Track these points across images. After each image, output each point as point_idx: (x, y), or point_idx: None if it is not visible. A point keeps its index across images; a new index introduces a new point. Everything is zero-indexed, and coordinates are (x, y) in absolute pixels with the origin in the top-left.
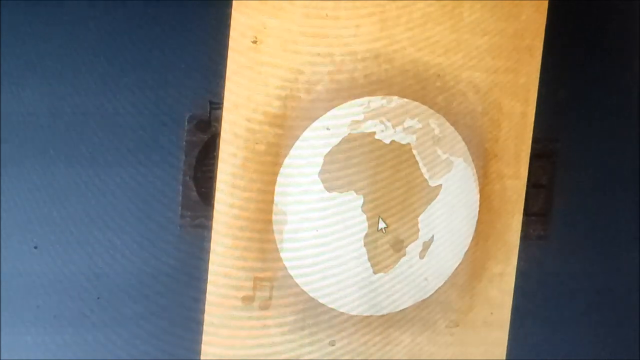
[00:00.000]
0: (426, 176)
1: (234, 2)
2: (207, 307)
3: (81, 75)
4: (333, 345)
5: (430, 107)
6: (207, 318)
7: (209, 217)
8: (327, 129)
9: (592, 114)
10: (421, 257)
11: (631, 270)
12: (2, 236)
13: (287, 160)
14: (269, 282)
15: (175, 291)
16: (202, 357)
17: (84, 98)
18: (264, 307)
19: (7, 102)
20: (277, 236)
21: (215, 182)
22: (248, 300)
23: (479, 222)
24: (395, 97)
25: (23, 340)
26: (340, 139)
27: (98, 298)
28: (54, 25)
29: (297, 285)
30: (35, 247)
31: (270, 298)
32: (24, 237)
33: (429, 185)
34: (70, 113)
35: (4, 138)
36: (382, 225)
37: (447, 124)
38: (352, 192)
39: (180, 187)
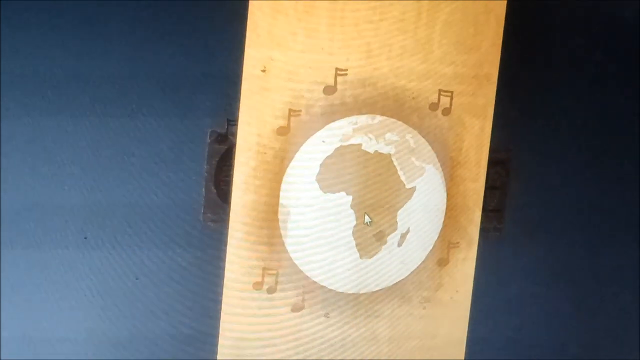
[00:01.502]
0: (403, 180)
1: (247, 39)
2: (224, 291)
3: (123, 98)
4: (328, 317)
5: (407, 123)
6: (224, 300)
7: (226, 214)
8: (323, 141)
9: (539, 129)
10: (399, 245)
11: (571, 255)
12: (53, 229)
13: (290, 167)
14: (275, 269)
15: (197, 277)
16: (220, 332)
17: (126, 115)
18: (272, 291)
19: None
20: (282, 230)
21: (231, 185)
22: (258, 285)
23: (446, 216)
24: (378, 116)
25: (49, 323)
26: (333, 149)
27: (137, 279)
28: (91, 60)
29: (299, 270)
30: (85, 238)
31: (276, 283)
32: (75, 229)
33: (406, 187)
34: (113, 125)
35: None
36: (367, 219)
37: (420, 137)
38: (343, 192)
39: (203, 189)
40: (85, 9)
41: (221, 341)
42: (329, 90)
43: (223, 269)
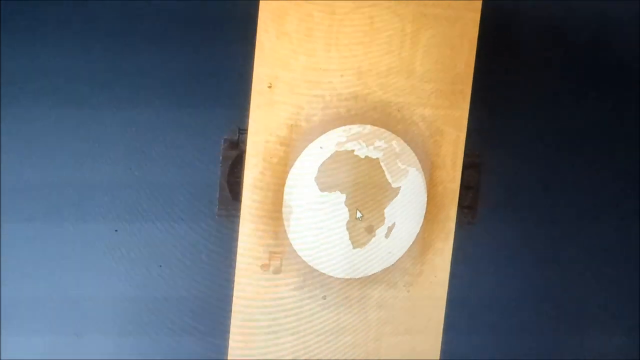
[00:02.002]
0: (390, 181)
1: (255, 59)
2: (236, 272)
3: (146, 110)
4: (325, 298)
5: (393, 132)
6: (236, 279)
7: (238, 209)
8: (321, 147)
9: (508, 136)
10: (386, 237)
11: (537, 245)
12: (88, 224)
13: (292, 170)
14: (280, 255)
15: (212, 264)
16: (233, 307)
17: (151, 126)
18: (276, 272)
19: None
20: (285, 222)
21: (242, 185)
22: (265, 267)
23: (426, 213)
24: (368, 126)
25: (83, 305)
26: (330, 154)
27: (160, 266)
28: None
29: (299, 257)
30: (116, 230)
31: (280, 266)
32: (107, 223)
33: (392, 187)
34: (140, 135)
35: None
36: (359, 215)
37: (405, 144)
38: (338, 191)
39: (217, 189)
40: (112, 30)
41: (233, 320)
42: (326, 103)
43: (234, 257)
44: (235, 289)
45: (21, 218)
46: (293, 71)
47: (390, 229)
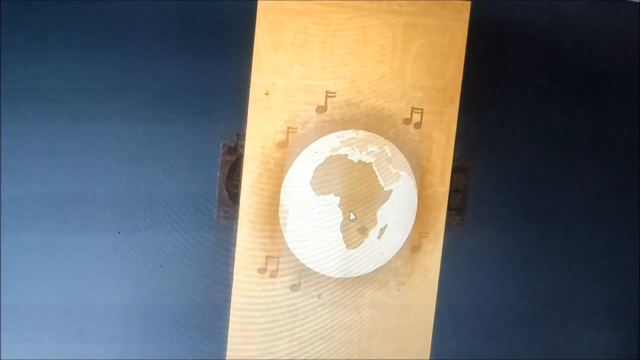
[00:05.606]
0: (382, 184)
1: (252, 68)
2: (234, 276)
3: (148, 116)
4: (319, 297)
5: (385, 137)
6: (234, 284)
7: (235, 212)
8: (315, 152)
9: (494, 141)
10: (379, 238)
11: (520, 244)
12: (94, 226)
13: (288, 173)
14: (276, 258)
15: (212, 264)
16: (231, 311)
17: (155, 132)
18: (273, 275)
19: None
20: (282, 225)
21: (240, 188)
22: (262, 271)
23: (417, 215)
24: (361, 131)
25: (91, 299)
26: (324, 159)
27: (162, 266)
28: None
29: (296, 259)
30: (119, 232)
31: (277, 269)
32: (112, 226)
33: (384, 190)
34: (144, 141)
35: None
36: (352, 217)
37: (396, 149)
38: (332, 194)
39: (216, 192)
40: (114, 41)
41: (232, 318)
42: (321, 109)
43: (233, 257)
44: (233, 287)
45: (24, 224)
46: (289, 79)
47: (382, 231)
